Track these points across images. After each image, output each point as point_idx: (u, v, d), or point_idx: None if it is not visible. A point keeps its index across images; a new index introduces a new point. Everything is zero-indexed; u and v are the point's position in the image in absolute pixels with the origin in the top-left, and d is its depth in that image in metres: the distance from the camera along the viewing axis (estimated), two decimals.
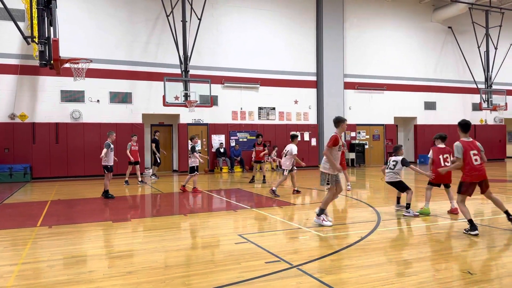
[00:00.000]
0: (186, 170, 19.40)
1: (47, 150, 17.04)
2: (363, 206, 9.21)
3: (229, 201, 10.63)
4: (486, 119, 26.27)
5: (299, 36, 21.77)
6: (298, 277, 4.45)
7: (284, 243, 6.01)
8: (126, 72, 18.39)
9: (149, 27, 18.90)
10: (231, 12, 20.37)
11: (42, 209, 9.33)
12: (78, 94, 17.62)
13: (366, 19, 23.20)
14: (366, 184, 14.40)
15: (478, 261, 4.96)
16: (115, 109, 18.27)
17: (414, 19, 24.39)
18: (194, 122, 19.72)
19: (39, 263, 5.19)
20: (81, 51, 16.66)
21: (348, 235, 6.44)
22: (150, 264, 5.01)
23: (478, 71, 24.60)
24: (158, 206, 10.46)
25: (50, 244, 6.18)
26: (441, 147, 8.18)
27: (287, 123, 21.53)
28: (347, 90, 22.65)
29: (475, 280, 4.27)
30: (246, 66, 20.61)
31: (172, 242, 6.17)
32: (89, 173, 17.53)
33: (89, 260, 5.30)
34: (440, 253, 5.32)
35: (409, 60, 24.20)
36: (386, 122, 23.71)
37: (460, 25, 25.07)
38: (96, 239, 6.50)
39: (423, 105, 24.57)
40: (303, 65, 21.88)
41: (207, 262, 5.05)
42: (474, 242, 5.85)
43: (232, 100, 20.40)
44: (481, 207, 9.14)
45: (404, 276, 4.47)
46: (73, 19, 17.30)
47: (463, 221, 7.33)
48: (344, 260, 5.02)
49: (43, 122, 17.06)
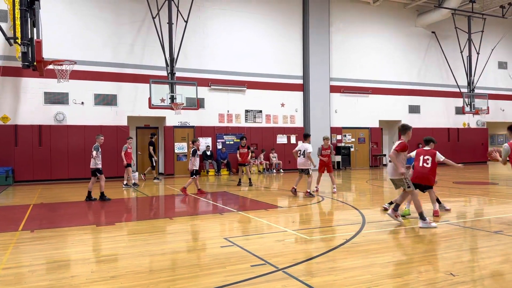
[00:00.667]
0: (172, 173, 19.32)
1: (30, 153, 16.76)
2: (348, 209, 9.27)
3: (216, 204, 10.59)
4: (469, 122, 26.75)
5: (285, 40, 21.88)
6: (284, 280, 4.45)
7: (269, 246, 6.01)
8: (111, 74, 18.22)
9: (135, 29, 18.77)
10: (217, 15, 20.36)
11: (24, 213, 9.15)
12: (62, 96, 17.39)
13: (351, 23, 23.44)
14: (351, 187, 14.50)
15: (460, 262, 5.03)
16: (100, 112, 18.07)
17: (398, 24, 24.74)
18: (180, 124, 19.63)
19: (20, 268, 5.08)
20: (65, 53, 16.47)
21: (334, 238, 6.47)
22: (134, 268, 4.96)
23: (461, 76, 25.07)
24: (143, 210, 10.36)
25: (32, 248, 6.06)
26: (425, 149, 8.22)
27: (274, 125, 21.59)
28: (333, 94, 22.83)
29: (457, 282, 4.33)
30: (233, 69, 20.61)
31: (157, 246, 6.11)
32: (73, 176, 17.31)
33: (72, 265, 5.21)
34: (423, 255, 5.38)
35: (394, 64, 24.52)
36: (371, 125, 23.95)
37: (444, 30, 25.51)
38: (79, 243, 6.40)
39: (407, 108, 24.90)
40: (289, 69, 21.98)
41: (192, 266, 5.02)
42: (456, 244, 5.93)
43: (219, 103, 20.38)
44: (463, 209, 9.28)
45: (388, 278, 4.51)
46: (57, 20, 17.09)
47: (447, 223, 7.43)
48: (330, 263, 5.04)
49: (26, 125, 16.78)
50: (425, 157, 7.93)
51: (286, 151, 21.66)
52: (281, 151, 21.54)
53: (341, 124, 23.14)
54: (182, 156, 19.69)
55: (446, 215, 8.26)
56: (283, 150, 21.57)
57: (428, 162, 7.90)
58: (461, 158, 25.89)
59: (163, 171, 19.60)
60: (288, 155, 21.69)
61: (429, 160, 7.90)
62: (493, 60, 26.79)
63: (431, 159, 7.89)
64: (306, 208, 9.60)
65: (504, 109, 27.80)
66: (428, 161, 7.90)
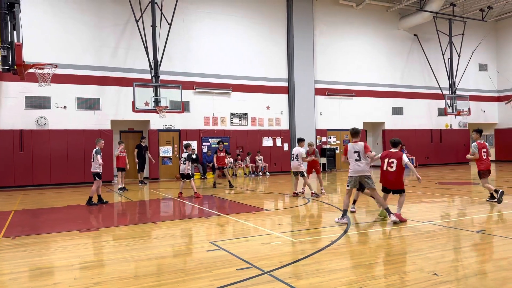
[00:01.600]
0: (157, 177, 19.16)
1: (11, 158, 16.42)
2: (334, 210, 9.32)
3: (201, 207, 10.53)
4: (451, 123, 27.20)
5: (270, 43, 21.95)
6: (270, 283, 4.45)
7: (256, 249, 6.00)
8: (94, 77, 18.01)
9: (118, 32, 18.60)
10: (202, 17, 20.32)
11: (5, 220, 8.96)
12: (44, 100, 17.11)
13: (335, 26, 23.66)
14: (337, 188, 14.59)
15: (444, 262, 5.09)
16: (83, 115, 17.84)
17: (381, 27, 25.05)
18: (165, 128, 19.50)
19: (1, 276, 4.97)
20: (46, 56, 16.23)
21: (319, 240, 6.50)
22: (119, 274, 4.89)
23: (443, 78, 25.52)
24: (127, 215, 10.24)
25: (13, 256, 5.93)
26: (391, 151, 7.72)
27: (260, 128, 21.61)
28: (318, 96, 22.97)
29: (441, 281, 4.38)
30: (218, 72, 20.58)
31: (141, 251, 6.04)
32: (55, 181, 17.03)
33: (55, 272, 5.12)
34: (408, 255, 5.44)
35: (377, 66, 24.81)
36: (356, 127, 24.12)
37: (425, 33, 25.94)
38: (62, 250, 6.28)
39: (390, 110, 25.20)
40: (274, 71, 22.05)
41: (178, 271, 4.97)
42: (440, 244, 6.01)
43: (204, 106, 20.31)
44: (446, 210, 9.42)
45: (373, 279, 4.54)
46: (38, 23, 16.83)
47: (431, 223, 7.52)
48: (315, 265, 5.05)
49: (6, 129, 16.45)
50: (389, 160, 7.49)
51: (272, 154, 21.71)
52: (267, 153, 21.57)
53: (326, 126, 23.30)
54: (167, 160, 19.54)
55: (431, 215, 8.37)
56: (269, 153, 21.60)
57: (392, 165, 7.45)
58: (444, 159, 26.38)
59: (148, 175, 19.42)
60: (274, 157, 21.76)
61: (394, 164, 7.43)
62: (473, 62, 27.34)
63: (396, 163, 7.41)
64: (292, 211, 9.62)
65: (485, 110, 28.36)
66: (393, 164, 7.44)
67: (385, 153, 7.74)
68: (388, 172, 7.54)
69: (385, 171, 7.57)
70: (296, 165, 11.84)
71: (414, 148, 25.14)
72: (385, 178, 7.64)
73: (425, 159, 25.81)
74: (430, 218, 8.05)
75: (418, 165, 24.94)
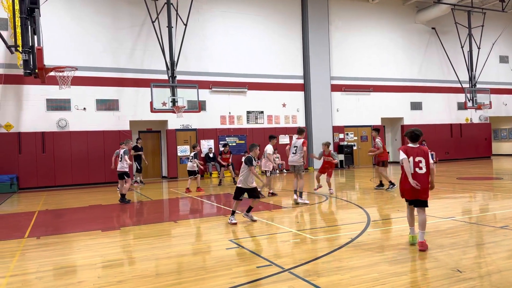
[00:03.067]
0: (175, 176, 19.34)
1: (33, 159, 16.81)
2: (352, 207, 9.26)
3: (219, 206, 10.59)
4: (471, 117, 26.66)
5: (285, 40, 21.88)
6: (290, 280, 4.45)
7: (275, 247, 6.01)
8: (113, 79, 18.26)
9: (135, 33, 18.81)
10: (216, 17, 20.38)
11: (29, 220, 9.19)
12: (64, 102, 17.43)
13: (350, 21, 23.42)
14: (355, 185, 14.47)
15: (467, 259, 5.01)
16: (102, 117, 18.11)
17: (398, 20, 24.70)
18: (182, 127, 19.66)
19: (27, 275, 5.10)
20: (66, 59, 16.51)
21: (339, 237, 6.47)
22: (140, 272, 4.97)
23: (462, 71, 25.00)
24: (147, 214, 10.38)
25: (38, 255, 6.08)
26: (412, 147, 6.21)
27: (276, 126, 21.58)
28: (334, 93, 22.81)
29: (464, 278, 4.32)
30: (233, 70, 20.62)
31: (162, 249, 6.12)
32: (76, 182, 17.35)
33: (78, 271, 5.23)
34: (429, 252, 5.36)
35: (394, 61, 24.47)
36: (374, 123, 23.90)
37: (443, 25, 25.46)
38: (85, 249, 6.42)
39: (409, 105, 24.84)
40: (290, 69, 21.98)
41: (198, 269, 5.02)
42: (462, 240, 5.91)
43: (220, 105, 20.39)
44: (468, 205, 9.26)
45: (394, 276, 4.50)
46: (57, 27, 17.14)
47: (452, 219, 7.40)
48: (335, 262, 5.04)
49: (29, 132, 16.84)
50: (416, 159, 5.67)
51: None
52: (284, 151, 21.48)
53: (343, 123, 23.12)
54: (185, 159, 19.70)
55: (452, 211, 8.24)
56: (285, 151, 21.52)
57: (421, 165, 5.64)
58: (464, 154, 25.89)
59: (167, 174, 19.62)
60: None
61: (423, 163, 5.65)
62: (494, 54, 26.71)
63: (424, 161, 5.66)
64: (310, 208, 9.60)
65: (507, 103, 27.70)
66: (421, 164, 5.65)
67: (405, 150, 5.73)
68: (417, 175, 5.54)
69: (413, 175, 5.55)
70: (263, 163, 12.27)
71: (433, 143, 24.73)
72: (410, 186, 5.56)
73: (445, 155, 25.38)
74: (452, 214, 7.93)
75: (438, 160, 24.55)
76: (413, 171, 5.57)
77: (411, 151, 5.68)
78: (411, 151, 5.68)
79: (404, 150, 5.71)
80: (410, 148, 5.72)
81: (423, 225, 5.56)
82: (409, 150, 5.69)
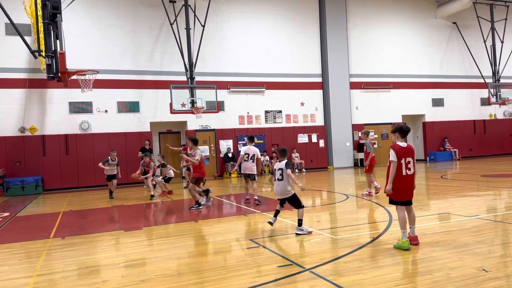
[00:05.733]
0: None
1: (57, 161, 17.21)
2: (374, 206, 9.16)
3: (239, 206, 10.63)
4: (495, 113, 26.01)
5: (302, 38, 21.79)
6: (311, 280, 4.44)
7: (295, 246, 6.00)
8: (133, 81, 18.54)
9: (154, 36, 19.04)
10: (234, 17, 20.45)
11: (54, 221, 9.41)
12: (86, 105, 17.78)
13: (369, 18, 23.16)
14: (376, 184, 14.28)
15: (493, 258, 4.90)
16: (123, 119, 18.41)
17: (418, 16, 24.29)
18: (201, 128, 19.80)
19: (53, 275, 5.23)
20: (87, 62, 16.85)
21: (360, 236, 6.41)
22: (163, 272, 5.03)
23: (485, 66, 24.40)
24: (168, 213, 10.49)
25: (64, 255, 6.23)
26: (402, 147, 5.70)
27: (294, 125, 21.52)
28: (353, 90, 22.59)
29: (490, 278, 4.22)
30: (251, 70, 20.66)
31: (184, 249, 6.19)
32: (99, 183, 17.66)
33: (102, 270, 5.33)
34: (453, 251, 5.26)
35: (415, 57, 24.08)
36: (394, 120, 23.57)
37: (465, 20, 24.91)
38: (109, 249, 6.54)
39: (430, 102, 24.41)
40: (308, 67, 21.88)
41: (219, 268, 5.06)
42: (488, 239, 5.78)
43: (239, 105, 20.45)
44: (493, 203, 9.04)
45: (418, 275, 4.44)
46: (78, 31, 17.50)
47: (477, 217, 7.25)
48: (357, 262, 4.99)
49: (52, 134, 17.24)
50: (406, 160, 5.55)
51: (308, 150, 21.57)
52: (303, 150, 21.45)
53: (363, 121, 22.87)
54: (205, 160, 19.81)
55: (477, 209, 8.06)
56: (305, 150, 21.48)
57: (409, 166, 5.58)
58: (488, 150, 25.28)
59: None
60: (309, 154, 21.60)
61: (411, 164, 5.59)
62: None
63: (412, 162, 5.60)
64: (330, 207, 9.54)
65: None
66: (410, 165, 5.58)
67: (397, 151, 5.54)
68: (406, 177, 5.53)
69: (405, 177, 5.52)
70: (250, 167, 10.40)
71: (456, 140, 24.25)
72: (406, 186, 5.56)
73: (468, 151, 24.83)
74: (476, 212, 7.76)
75: (461, 157, 24.04)
76: (405, 173, 5.51)
77: (402, 152, 5.54)
78: (402, 152, 5.54)
79: (397, 151, 5.54)
80: (401, 149, 5.56)
81: (414, 220, 5.71)
82: (401, 152, 5.54)
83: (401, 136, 5.66)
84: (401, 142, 5.64)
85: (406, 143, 5.65)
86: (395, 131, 5.69)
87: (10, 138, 16.68)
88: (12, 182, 16.06)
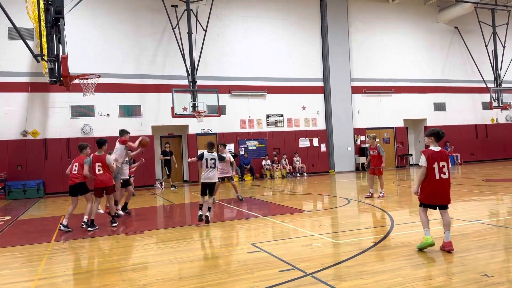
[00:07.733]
0: (197, 180, 19.49)
1: (59, 165, 17.22)
2: (376, 211, 9.14)
3: (241, 210, 10.62)
4: (497, 118, 25.99)
5: (304, 43, 21.84)
6: (313, 285, 4.43)
7: (297, 250, 5.98)
8: (135, 85, 18.59)
9: (156, 40, 19.11)
10: (236, 22, 20.52)
11: (56, 224, 9.41)
12: (88, 109, 17.83)
13: (370, 22, 23.21)
14: (378, 188, 14.27)
15: (495, 263, 4.88)
16: (125, 122, 18.39)
17: (419, 20, 24.34)
18: (203, 132, 19.82)
19: (54, 279, 5.22)
20: (89, 67, 16.91)
21: (362, 241, 6.39)
22: (164, 276, 5.02)
23: (487, 70, 24.41)
24: (170, 217, 10.49)
25: (65, 259, 6.22)
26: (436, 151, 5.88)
27: (296, 129, 21.53)
28: (355, 94, 22.61)
29: (492, 283, 4.20)
30: (252, 74, 20.71)
31: (185, 253, 6.18)
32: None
33: (103, 274, 5.32)
34: (455, 255, 5.24)
35: (416, 61, 24.11)
36: (396, 124, 23.58)
37: (466, 24, 24.95)
38: (110, 253, 6.53)
39: (432, 106, 24.40)
40: (309, 71, 21.92)
41: (220, 273, 5.05)
42: (490, 244, 5.76)
43: (240, 109, 20.49)
44: (495, 208, 9.01)
45: (420, 280, 4.42)
46: (80, 35, 17.57)
47: (479, 222, 7.22)
48: (358, 266, 4.98)
49: (54, 138, 17.28)
50: (440, 164, 5.52)
51: (309, 155, 21.56)
52: (304, 154, 21.45)
53: (365, 125, 22.87)
54: None
55: (479, 214, 8.03)
56: (306, 154, 21.48)
57: (444, 170, 5.56)
58: (490, 155, 25.23)
59: (188, 179, 19.79)
60: (311, 158, 21.59)
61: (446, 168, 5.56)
62: None
63: (447, 166, 5.59)
64: (332, 212, 9.52)
65: None
66: (445, 169, 5.57)
67: (429, 155, 5.52)
68: (442, 181, 5.48)
69: (439, 181, 5.46)
70: (222, 169, 10.98)
71: (458, 144, 24.22)
72: (440, 190, 5.51)
73: (470, 156, 24.79)
74: (478, 217, 7.74)
75: (463, 162, 24.00)
76: (439, 177, 5.47)
77: (435, 156, 5.51)
78: (435, 156, 5.51)
79: (429, 155, 5.52)
80: (434, 153, 5.53)
81: (449, 225, 5.56)
82: (433, 156, 5.51)
83: (435, 141, 5.65)
84: (435, 147, 5.64)
85: (440, 147, 5.64)
86: (431, 135, 5.69)
87: (12, 142, 16.72)
88: (14, 186, 16.09)
